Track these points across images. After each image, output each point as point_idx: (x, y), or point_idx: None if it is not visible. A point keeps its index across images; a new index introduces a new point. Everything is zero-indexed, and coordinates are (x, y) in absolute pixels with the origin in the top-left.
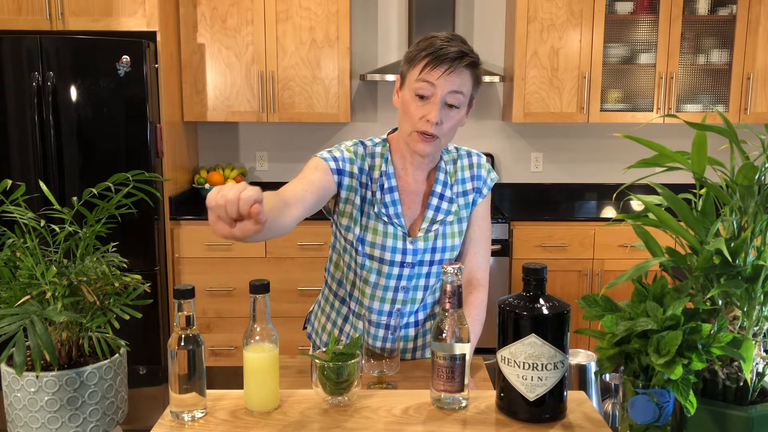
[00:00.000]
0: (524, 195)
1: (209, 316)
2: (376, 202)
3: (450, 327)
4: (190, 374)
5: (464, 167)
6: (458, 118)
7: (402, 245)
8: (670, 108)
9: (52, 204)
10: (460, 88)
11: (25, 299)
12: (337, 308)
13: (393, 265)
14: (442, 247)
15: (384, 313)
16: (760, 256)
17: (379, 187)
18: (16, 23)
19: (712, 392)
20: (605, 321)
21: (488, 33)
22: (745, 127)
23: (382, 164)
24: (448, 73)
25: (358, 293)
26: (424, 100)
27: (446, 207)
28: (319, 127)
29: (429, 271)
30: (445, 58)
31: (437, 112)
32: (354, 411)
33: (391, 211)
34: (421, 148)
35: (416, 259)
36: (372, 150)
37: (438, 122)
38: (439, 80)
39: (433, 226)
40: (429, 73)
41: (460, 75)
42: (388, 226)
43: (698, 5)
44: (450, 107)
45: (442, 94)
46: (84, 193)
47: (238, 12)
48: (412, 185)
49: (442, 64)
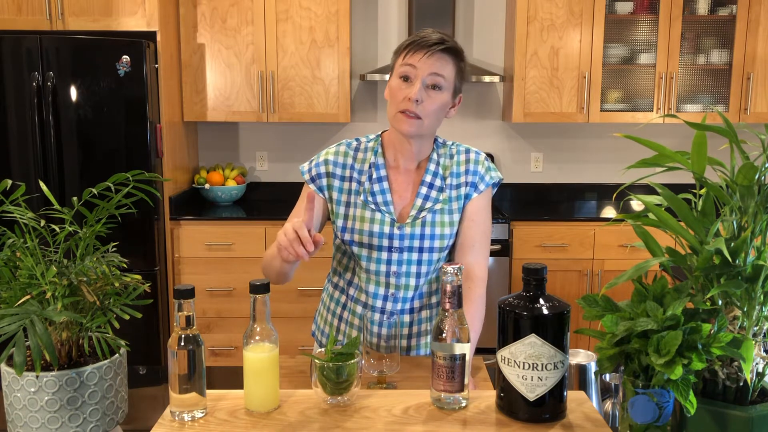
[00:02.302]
0: (524, 195)
1: (209, 316)
2: (363, 191)
3: (450, 327)
4: (190, 374)
5: (460, 162)
6: (440, 100)
7: (389, 230)
8: (670, 108)
9: (52, 204)
10: (440, 71)
11: (25, 299)
12: (337, 298)
13: (381, 250)
14: (430, 235)
15: (379, 296)
16: (760, 256)
17: (368, 177)
18: (16, 23)
19: (712, 392)
20: (605, 321)
21: (488, 33)
22: (745, 127)
23: (371, 157)
24: (428, 56)
25: (356, 279)
26: (408, 82)
27: (435, 195)
28: (319, 127)
29: (420, 258)
30: (425, 43)
31: (418, 90)
32: (354, 411)
33: (380, 199)
34: (404, 127)
35: (404, 245)
36: (365, 145)
37: (418, 99)
38: (420, 62)
39: (422, 213)
40: (411, 57)
41: (440, 59)
42: (375, 213)
43: (698, 5)
44: (432, 89)
45: (423, 76)
46: (84, 193)
47: (238, 12)
48: (403, 175)
49: (422, 48)
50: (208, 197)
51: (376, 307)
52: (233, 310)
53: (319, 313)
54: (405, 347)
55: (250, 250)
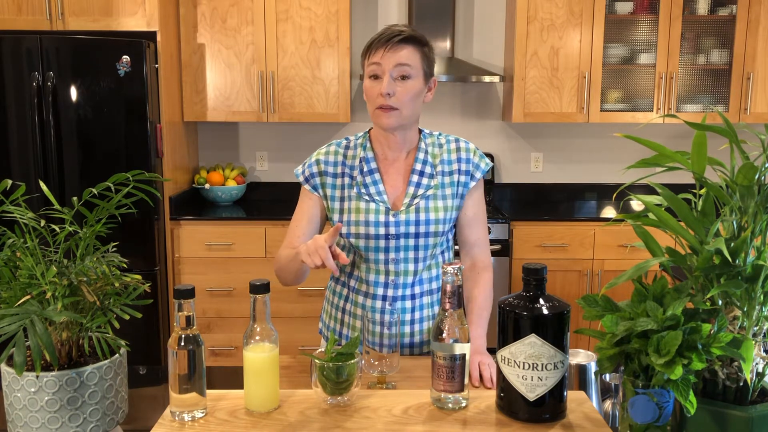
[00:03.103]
0: (524, 195)
1: (209, 316)
2: (356, 185)
3: (450, 327)
4: (190, 374)
5: (451, 150)
6: (412, 88)
7: (384, 218)
8: (670, 108)
9: (52, 204)
10: (404, 61)
11: (25, 299)
12: (339, 292)
13: (378, 238)
14: (425, 220)
15: (380, 284)
16: (760, 256)
17: (360, 171)
18: (16, 23)
19: (712, 392)
20: (605, 321)
21: (488, 33)
22: (745, 127)
23: (361, 152)
24: (389, 49)
25: (357, 270)
26: (377, 80)
27: (426, 182)
28: (319, 127)
29: (416, 244)
30: (384, 38)
31: (387, 84)
32: (354, 411)
33: (372, 190)
34: (383, 121)
35: (400, 231)
36: (354, 142)
37: (390, 93)
38: (383, 58)
39: (415, 200)
40: (374, 55)
41: (402, 49)
42: (370, 203)
43: (698, 5)
44: (401, 80)
45: (389, 69)
46: (84, 193)
47: (238, 12)
48: (393, 166)
49: (382, 44)
50: (208, 197)
51: (378, 295)
52: (233, 310)
53: (325, 310)
54: (408, 333)
55: (250, 250)
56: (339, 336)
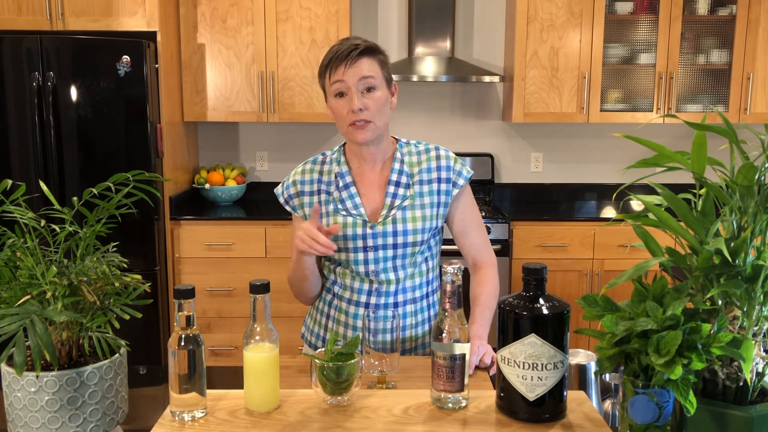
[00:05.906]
0: (524, 195)
1: (209, 316)
2: (332, 201)
3: (450, 327)
4: (190, 374)
5: (431, 158)
6: (379, 98)
7: (362, 231)
8: (669, 108)
9: (52, 204)
10: (367, 73)
11: (25, 299)
12: (323, 297)
13: (357, 251)
14: (403, 231)
15: (363, 291)
16: (760, 256)
17: (336, 186)
18: (16, 23)
19: (712, 392)
20: (605, 321)
21: (488, 33)
22: (745, 127)
23: (336, 167)
24: (349, 65)
25: (340, 278)
26: (344, 97)
27: (403, 192)
28: (319, 127)
29: (395, 254)
30: (341, 55)
31: (356, 100)
32: (354, 411)
33: (349, 204)
34: (359, 137)
35: (378, 243)
36: (330, 158)
37: (362, 108)
38: (345, 74)
39: (392, 211)
40: (335, 74)
41: (362, 62)
42: (347, 218)
43: (698, 5)
44: (367, 91)
45: (354, 84)
46: (84, 193)
47: (238, 12)
48: (369, 179)
49: (340, 60)
50: (208, 197)
51: (361, 302)
52: (233, 310)
53: (309, 315)
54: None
55: (250, 250)
56: (323, 342)
